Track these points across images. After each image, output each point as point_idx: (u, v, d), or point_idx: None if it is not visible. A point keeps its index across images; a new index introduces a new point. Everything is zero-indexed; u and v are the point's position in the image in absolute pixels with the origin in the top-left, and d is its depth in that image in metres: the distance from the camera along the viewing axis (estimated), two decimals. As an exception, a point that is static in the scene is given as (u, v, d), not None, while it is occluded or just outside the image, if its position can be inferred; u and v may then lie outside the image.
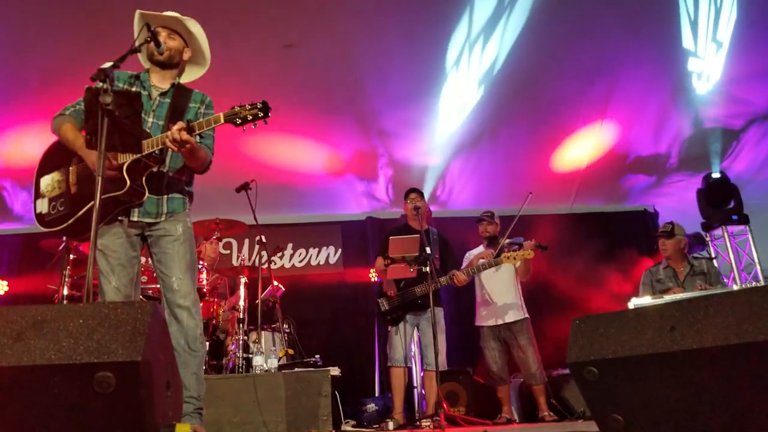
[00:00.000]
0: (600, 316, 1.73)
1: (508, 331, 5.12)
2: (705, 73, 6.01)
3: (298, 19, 5.20)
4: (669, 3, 5.48)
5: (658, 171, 7.48)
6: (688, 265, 4.94)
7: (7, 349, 1.41)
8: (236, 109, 2.63)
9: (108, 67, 2.31)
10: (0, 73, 5.52)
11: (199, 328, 2.80)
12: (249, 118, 2.61)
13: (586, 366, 1.65)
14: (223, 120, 2.64)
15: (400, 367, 4.87)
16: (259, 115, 2.61)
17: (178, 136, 2.54)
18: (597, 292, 7.63)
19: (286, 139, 6.65)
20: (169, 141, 2.56)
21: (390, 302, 4.90)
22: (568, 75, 6.07)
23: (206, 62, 3.14)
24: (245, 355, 4.95)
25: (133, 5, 3.03)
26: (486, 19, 5.62)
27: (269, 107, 2.63)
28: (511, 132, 6.77)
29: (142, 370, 1.39)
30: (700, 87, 6.18)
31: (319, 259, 7.77)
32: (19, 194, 7.13)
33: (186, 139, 2.56)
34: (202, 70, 3.17)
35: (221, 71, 3.45)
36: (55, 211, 2.80)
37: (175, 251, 2.81)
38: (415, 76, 6.00)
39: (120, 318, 1.45)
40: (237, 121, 2.62)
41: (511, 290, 5.20)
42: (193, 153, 2.71)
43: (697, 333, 1.43)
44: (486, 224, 5.40)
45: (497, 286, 5.23)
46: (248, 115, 2.61)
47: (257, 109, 2.61)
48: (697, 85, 6.18)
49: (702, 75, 6.04)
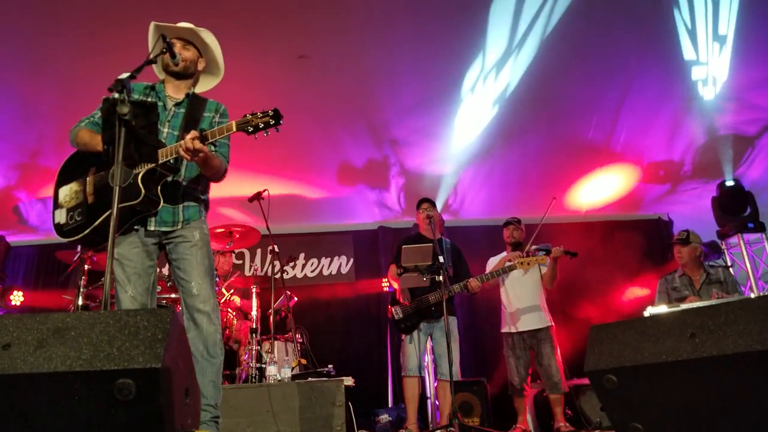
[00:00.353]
0: (618, 324, 1.71)
1: (533, 338, 5.09)
2: (710, 76, 5.95)
3: (312, 30, 5.24)
4: (665, 15, 5.46)
5: (671, 179, 7.44)
6: (704, 273, 4.89)
7: (30, 356, 1.42)
8: (248, 117, 2.65)
9: (125, 77, 2.33)
10: (16, 86, 5.60)
11: (219, 333, 2.82)
12: (260, 126, 2.63)
13: (605, 374, 1.64)
14: (235, 128, 2.67)
15: (413, 376, 4.85)
16: (271, 123, 2.63)
17: (191, 145, 2.57)
18: (611, 300, 7.59)
19: (299, 149, 6.69)
20: (183, 150, 2.59)
21: (404, 310, 4.89)
22: (579, 84, 6.07)
23: (220, 72, 3.19)
24: (258, 365, 4.96)
25: (148, 17, 3.07)
26: (503, 49, 5.67)
27: (281, 115, 2.65)
28: (524, 141, 6.76)
29: (162, 377, 1.40)
30: (707, 93, 6.14)
31: (331, 268, 7.79)
32: (34, 206, 7.22)
33: (199, 148, 2.58)
34: (216, 80, 3.21)
35: (235, 81, 3.49)
36: (72, 221, 2.83)
37: (194, 256, 2.82)
38: (427, 85, 6.02)
39: (140, 325, 1.46)
40: (249, 129, 2.64)
41: (535, 297, 5.17)
42: (206, 162, 2.74)
43: (717, 340, 1.42)
44: (513, 229, 5.39)
45: (523, 293, 5.20)
46: (260, 123, 2.63)
47: (269, 117, 2.63)
48: (704, 92, 6.14)
49: (707, 80, 5.99)
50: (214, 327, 2.78)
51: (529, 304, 5.15)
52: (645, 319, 1.67)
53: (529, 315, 5.12)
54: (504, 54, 5.73)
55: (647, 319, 1.67)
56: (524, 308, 5.15)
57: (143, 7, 4.61)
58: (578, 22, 5.38)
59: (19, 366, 1.41)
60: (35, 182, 6.81)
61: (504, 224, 5.50)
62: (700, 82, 6.04)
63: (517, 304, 5.19)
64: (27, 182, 6.85)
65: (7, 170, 6.68)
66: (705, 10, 5.42)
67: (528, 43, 5.64)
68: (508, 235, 5.42)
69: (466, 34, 5.45)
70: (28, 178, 6.77)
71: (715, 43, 5.65)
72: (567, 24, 5.40)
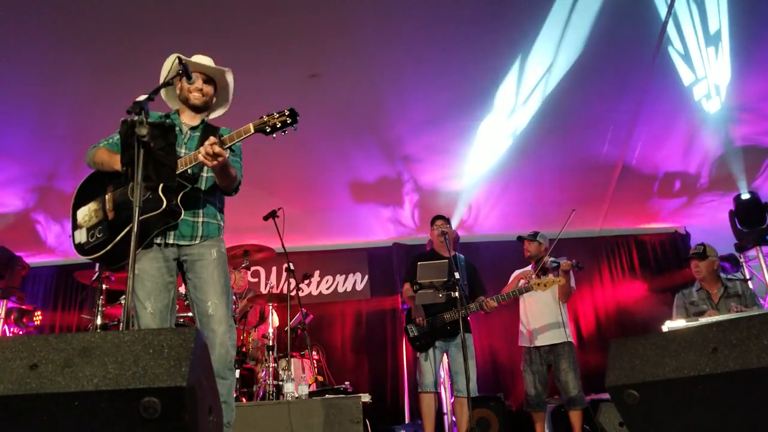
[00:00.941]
0: (639, 339, 1.71)
1: (550, 353, 5.06)
2: (711, 86, 5.92)
3: (323, 49, 5.30)
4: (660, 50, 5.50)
5: (688, 191, 7.39)
6: (722, 287, 4.85)
7: (57, 375, 1.44)
8: (265, 118, 2.69)
9: (143, 99, 2.38)
10: (32, 111, 5.69)
11: (231, 355, 2.80)
12: (278, 125, 2.67)
13: (626, 389, 1.63)
14: (253, 130, 2.71)
15: (430, 392, 4.83)
16: (288, 122, 2.67)
17: (210, 149, 2.60)
18: (628, 315, 7.53)
19: (312, 166, 6.73)
20: (203, 155, 2.63)
21: (419, 329, 4.88)
22: (593, 98, 6.07)
23: (227, 105, 3.28)
24: (275, 382, 4.97)
25: (163, 39, 3.14)
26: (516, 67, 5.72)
27: (297, 113, 2.69)
28: (538, 156, 6.76)
29: (187, 396, 1.42)
30: (712, 106, 6.11)
31: (346, 286, 7.81)
32: (52, 227, 7.34)
33: (218, 151, 2.61)
34: (223, 110, 3.29)
35: (247, 101, 3.53)
36: (94, 239, 2.86)
37: (210, 275, 2.84)
38: (439, 102, 6.05)
39: (164, 344, 1.48)
40: (267, 130, 2.68)
41: (554, 312, 5.13)
42: (224, 169, 2.77)
43: (740, 354, 1.41)
44: (527, 243, 5.37)
45: (541, 308, 5.18)
46: (277, 122, 2.67)
47: (285, 116, 2.67)
48: (709, 106, 6.11)
49: (710, 93, 5.96)
50: (226, 349, 2.77)
51: (548, 318, 5.12)
52: (666, 333, 1.66)
53: (547, 330, 5.10)
54: (517, 71, 5.75)
55: (668, 333, 1.66)
56: (542, 323, 5.13)
57: (159, 30, 4.70)
58: (591, 39, 5.40)
59: (47, 386, 1.44)
60: (52, 204, 6.92)
61: (518, 239, 5.49)
62: (704, 98, 6.02)
63: (535, 319, 5.17)
64: (44, 205, 6.96)
65: (25, 193, 6.80)
66: (692, 19, 5.40)
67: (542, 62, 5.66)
68: (525, 250, 5.41)
69: (479, 51, 5.47)
70: (46, 201, 6.89)
71: (709, 48, 5.61)
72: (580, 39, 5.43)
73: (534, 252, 5.30)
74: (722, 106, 6.04)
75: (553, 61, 5.67)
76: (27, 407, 1.42)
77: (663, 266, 7.74)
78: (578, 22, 5.32)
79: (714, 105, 6.07)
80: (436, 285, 4.63)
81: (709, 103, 6.07)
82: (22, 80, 5.32)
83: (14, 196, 6.81)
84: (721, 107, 6.05)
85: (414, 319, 4.90)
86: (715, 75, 5.76)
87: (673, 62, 5.67)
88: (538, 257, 5.25)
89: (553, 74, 5.81)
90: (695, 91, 5.95)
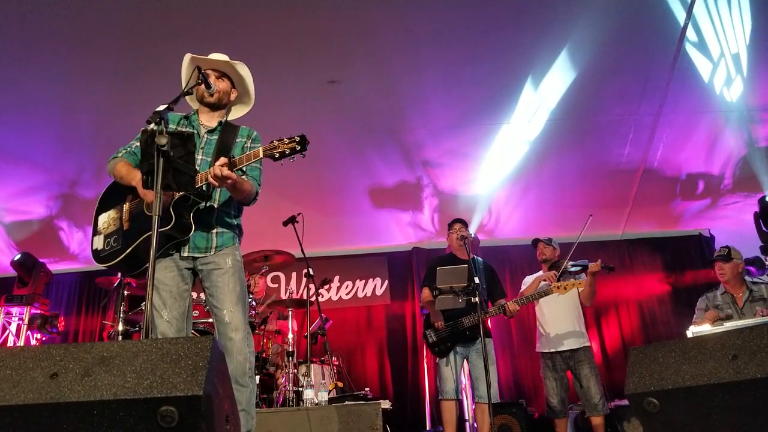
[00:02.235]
0: (659, 345, 1.69)
1: (570, 359, 5.01)
2: (729, 72, 5.81)
3: (343, 55, 5.32)
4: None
5: (712, 193, 7.28)
6: (747, 291, 4.76)
7: (76, 384, 1.46)
8: (275, 143, 2.71)
9: (162, 109, 2.42)
10: (55, 120, 5.80)
11: (249, 362, 2.81)
12: (287, 152, 2.69)
13: (646, 397, 1.61)
14: (262, 154, 2.73)
15: (451, 400, 4.80)
16: (297, 149, 2.69)
17: (218, 172, 2.63)
18: (652, 320, 7.43)
19: (331, 172, 6.76)
20: (212, 177, 2.66)
21: (438, 334, 4.86)
22: (613, 100, 6.02)
23: (251, 101, 3.28)
24: (295, 388, 4.98)
25: (184, 47, 3.17)
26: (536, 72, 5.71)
27: (307, 140, 2.70)
28: (558, 159, 6.72)
29: (204, 404, 1.43)
30: (734, 93, 5.99)
31: (366, 290, 7.80)
32: (75, 234, 7.46)
33: (226, 175, 2.64)
34: (247, 108, 3.30)
35: (267, 107, 3.56)
36: (109, 247, 2.92)
37: (225, 284, 2.86)
38: (458, 107, 6.04)
39: (181, 353, 1.50)
40: (275, 155, 2.70)
41: (572, 316, 5.09)
42: (236, 187, 2.80)
43: (761, 362, 1.39)
44: (542, 246, 5.34)
45: (559, 312, 5.13)
46: (286, 149, 2.68)
47: (295, 143, 2.68)
48: (731, 94, 6.00)
49: (730, 78, 5.84)
50: (244, 356, 2.78)
51: (566, 323, 5.08)
52: (686, 341, 1.64)
53: (565, 335, 5.05)
54: (536, 75, 5.72)
55: (688, 340, 1.64)
56: (561, 328, 5.08)
57: (179, 38, 4.76)
58: (611, 39, 5.35)
59: (66, 395, 1.46)
60: (75, 212, 7.04)
61: (533, 243, 5.47)
62: (724, 88, 5.91)
63: (554, 324, 5.12)
64: (68, 212, 7.09)
65: (48, 200, 6.92)
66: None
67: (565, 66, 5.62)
68: (538, 253, 5.38)
69: (498, 56, 5.46)
70: (69, 208, 7.02)
71: (730, 46, 5.51)
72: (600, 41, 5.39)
73: (549, 256, 5.30)
74: (744, 103, 5.93)
75: (573, 64, 5.64)
76: (47, 416, 1.44)
77: (687, 270, 7.62)
78: (597, 24, 5.28)
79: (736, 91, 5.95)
80: (455, 290, 4.62)
81: (730, 92, 5.96)
82: (47, 88, 5.40)
83: (38, 204, 6.94)
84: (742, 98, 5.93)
85: (433, 323, 4.89)
86: (735, 70, 5.66)
87: (694, 62, 5.60)
88: (551, 261, 5.23)
89: (572, 77, 5.77)
90: (716, 83, 5.86)
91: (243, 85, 3.18)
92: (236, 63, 3.10)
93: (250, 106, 3.29)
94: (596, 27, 5.26)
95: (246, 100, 3.26)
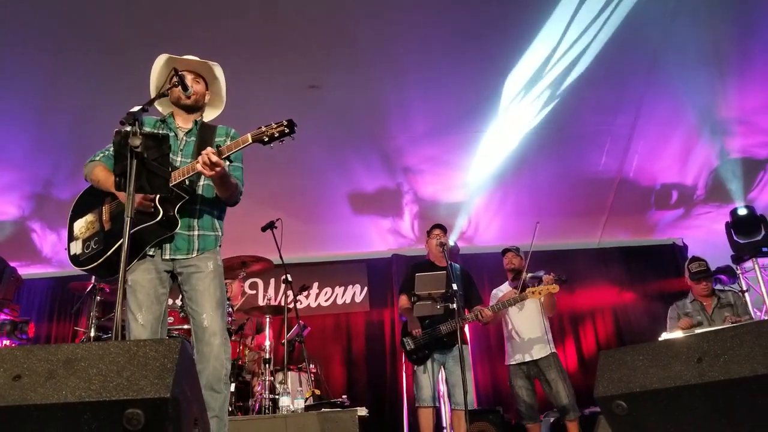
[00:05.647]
0: (627, 349, 1.71)
1: (535, 367, 5.05)
2: None
3: (323, 60, 5.32)
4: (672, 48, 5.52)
5: (685, 203, 7.41)
6: (715, 298, 4.87)
7: (39, 387, 1.44)
8: (263, 128, 2.68)
9: (137, 110, 2.38)
10: (30, 116, 5.67)
11: (225, 369, 2.77)
12: (276, 135, 2.65)
13: (615, 399, 1.63)
14: (251, 140, 2.69)
15: (428, 407, 4.79)
16: (286, 132, 2.65)
17: (207, 159, 2.60)
18: (627, 327, 7.52)
19: (311, 177, 6.74)
20: (201, 164, 2.62)
21: (415, 341, 4.86)
22: (591, 111, 6.10)
23: (222, 104, 3.25)
24: (271, 395, 4.94)
25: (162, 48, 3.15)
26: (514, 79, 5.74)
27: (295, 124, 2.67)
28: (535, 168, 6.78)
29: (171, 407, 1.41)
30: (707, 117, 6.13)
31: (345, 297, 7.78)
32: (48, 236, 7.30)
33: (216, 161, 2.60)
34: (218, 112, 3.27)
35: (246, 112, 3.53)
36: (89, 250, 2.86)
37: (206, 287, 2.82)
38: (439, 114, 6.08)
39: (148, 355, 1.48)
40: (264, 139, 2.67)
41: (537, 326, 5.13)
42: (223, 179, 2.77)
43: (724, 364, 1.41)
44: (512, 255, 5.40)
45: (523, 323, 5.18)
46: (275, 132, 2.65)
47: (283, 126, 2.66)
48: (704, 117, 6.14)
49: None
50: (221, 362, 2.74)
51: (531, 333, 5.12)
52: (654, 344, 1.66)
53: (530, 344, 5.09)
54: (516, 84, 5.77)
55: (656, 344, 1.67)
56: (526, 338, 5.12)
57: (159, 39, 4.73)
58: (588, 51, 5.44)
59: (30, 397, 1.43)
60: (49, 213, 6.88)
61: (502, 252, 5.51)
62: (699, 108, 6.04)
63: (518, 335, 5.18)
64: (41, 213, 6.93)
65: (21, 200, 6.75)
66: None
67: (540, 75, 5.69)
68: (507, 262, 5.43)
69: (478, 63, 5.50)
70: (42, 209, 6.85)
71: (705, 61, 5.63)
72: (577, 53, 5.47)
73: (517, 265, 5.34)
74: (717, 118, 6.06)
75: (551, 73, 5.71)
76: (9, 419, 1.41)
77: (662, 278, 7.72)
78: (575, 35, 5.36)
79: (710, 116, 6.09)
80: (434, 296, 4.62)
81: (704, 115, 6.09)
82: (21, 85, 5.32)
83: (9, 204, 6.76)
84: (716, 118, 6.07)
85: (410, 331, 4.88)
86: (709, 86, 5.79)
87: (669, 73, 5.69)
88: (518, 270, 5.27)
89: (551, 87, 5.84)
90: (691, 101, 5.98)
91: (216, 87, 3.17)
92: (213, 64, 3.09)
93: (221, 109, 3.26)
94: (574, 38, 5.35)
95: (217, 103, 3.23)
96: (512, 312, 5.21)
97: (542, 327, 5.13)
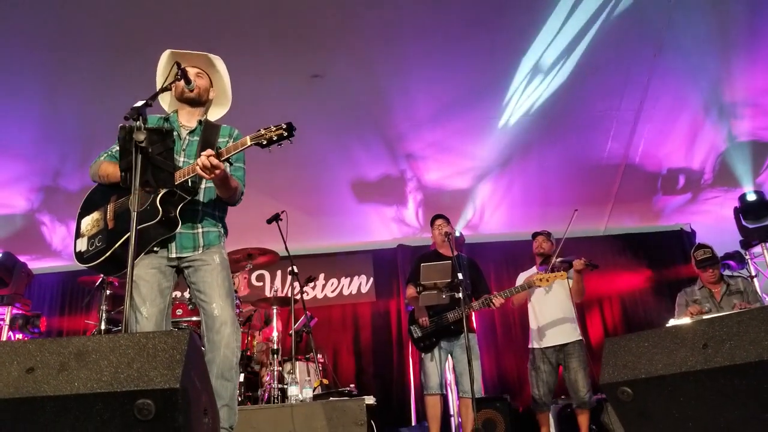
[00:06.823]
0: (632, 336, 1.71)
1: (560, 353, 5.03)
2: None
3: (325, 49, 5.30)
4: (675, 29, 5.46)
5: (692, 188, 7.35)
6: (724, 285, 4.84)
7: (52, 379, 1.46)
8: (262, 131, 2.69)
9: (140, 105, 2.39)
10: (38, 106, 5.66)
11: (236, 357, 2.81)
12: (274, 138, 2.66)
13: (620, 386, 1.63)
14: (249, 142, 2.70)
15: (435, 395, 4.83)
16: (284, 135, 2.66)
17: (207, 161, 2.61)
18: (634, 314, 7.51)
19: (314, 167, 6.74)
20: (200, 168, 2.63)
21: (422, 329, 4.89)
22: (596, 96, 6.06)
23: (228, 102, 3.26)
24: (280, 385, 4.98)
25: (167, 41, 3.15)
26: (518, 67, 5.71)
27: (294, 127, 2.68)
28: (542, 154, 6.75)
29: (180, 397, 1.43)
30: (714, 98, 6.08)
31: (351, 288, 7.81)
32: (57, 229, 7.32)
33: (216, 164, 2.62)
34: (224, 110, 3.27)
35: (249, 102, 3.53)
36: (93, 248, 2.89)
37: (214, 278, 2.85)
38: (441, 100, 6.04)
39: (158, 347, 1.50)
40: (263, 143, 2.68)
41: (564, 311, 5.11)
42: (224, 181, 2.79)
43: (729, 350, 1.42)
44: (542, 239, 5.38)
45: (550, 308, 5.15)
46: (273, 135, 2.66)
47: (282, 130, 2.66)
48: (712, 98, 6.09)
49: None
50: (231, 350, 2.77)
51: (556, 318, 5.10)
52: (659, 330, 1.67)
53: (556, 330, 5.07)
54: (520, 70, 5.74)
55: (661, 330, 1.67)
56: (551, 323, 5.10)
57: (163, 31, 4.75)
58: (593, 36, 5.39)
59: (43, 389, 1.46)
60: (58, 205, 6.86)
61: (533, 236, 5.50)
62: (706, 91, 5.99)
63: (544, 320, 5.15)
64: (50, 205, 6.91)
65: (30, 192, 6.73)
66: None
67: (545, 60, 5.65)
68: (536, 246, 5.41)
69: (482, 50, 5.46)
70: (51, 201, 6.83)
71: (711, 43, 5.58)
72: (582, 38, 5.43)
73: (547, 250, 5.32)
74: (724, 100, 6.00)
75: (556, 59, 5.67)
76: (23, 410, 1.44)
77: (669, 265, 7.70)
78: (580, 20, 5.32)
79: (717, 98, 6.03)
80: (439, 286, 4.64)
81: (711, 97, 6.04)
82: (29, 76, 5.31)
83: (19, 196, 6.74)
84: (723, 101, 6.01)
85: (417, 319, 4.91)
86: (715, 67, 5.73)
87: (675, 56, 5.63)
88: (547, 255, 5.25)
89: (556, 72, 5.81)
90: (697, 83, 5.93)
91: (220, 83, 3.18)
92: (214, 57, 3.10)
93: (227, 107, 3.27)
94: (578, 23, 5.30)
95: (223, 101, 3.24)
96: (538, 297, 5.20)
97: (569, 312, 5.11)
